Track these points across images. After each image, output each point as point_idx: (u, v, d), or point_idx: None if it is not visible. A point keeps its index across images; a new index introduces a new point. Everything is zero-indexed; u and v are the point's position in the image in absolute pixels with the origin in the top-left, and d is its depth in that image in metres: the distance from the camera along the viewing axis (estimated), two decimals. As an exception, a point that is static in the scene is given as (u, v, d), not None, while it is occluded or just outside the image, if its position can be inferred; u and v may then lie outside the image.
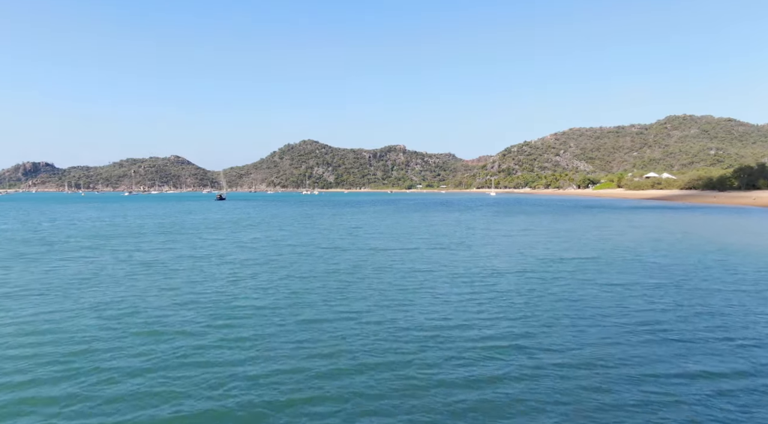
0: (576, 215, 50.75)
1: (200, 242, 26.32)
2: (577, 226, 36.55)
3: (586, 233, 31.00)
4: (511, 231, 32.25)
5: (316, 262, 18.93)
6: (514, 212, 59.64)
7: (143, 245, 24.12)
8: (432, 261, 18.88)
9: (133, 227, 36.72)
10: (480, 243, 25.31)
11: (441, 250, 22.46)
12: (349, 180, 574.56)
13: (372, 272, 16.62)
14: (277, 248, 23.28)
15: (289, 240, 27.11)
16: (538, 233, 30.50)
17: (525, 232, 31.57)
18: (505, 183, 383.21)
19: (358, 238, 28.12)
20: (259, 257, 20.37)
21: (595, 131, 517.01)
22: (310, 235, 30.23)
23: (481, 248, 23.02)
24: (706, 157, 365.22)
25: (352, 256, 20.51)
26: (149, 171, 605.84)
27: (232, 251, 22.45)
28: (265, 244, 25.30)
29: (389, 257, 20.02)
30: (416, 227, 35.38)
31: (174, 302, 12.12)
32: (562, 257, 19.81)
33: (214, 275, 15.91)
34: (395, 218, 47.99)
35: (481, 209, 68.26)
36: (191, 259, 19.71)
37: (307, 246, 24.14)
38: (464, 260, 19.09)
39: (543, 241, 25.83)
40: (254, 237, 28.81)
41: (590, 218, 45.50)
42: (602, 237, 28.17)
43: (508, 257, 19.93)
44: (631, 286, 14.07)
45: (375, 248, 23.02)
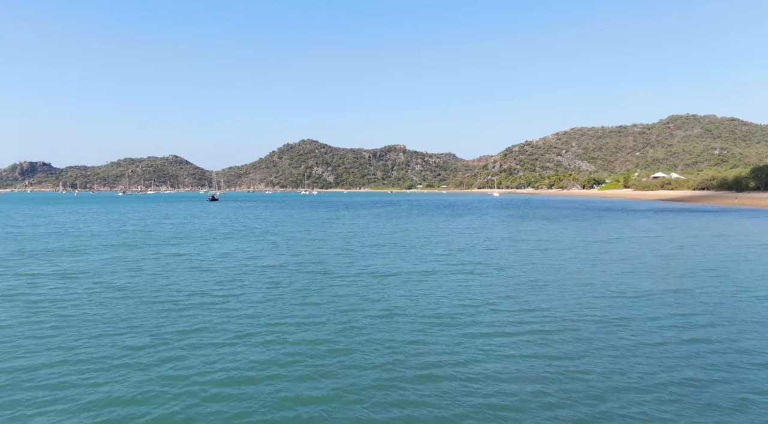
0: (602, 220, 44.59)
1: (147, 262, 20.19)
2: (618, 234, 30.41)
3: (640, 245, 24.88)
4: (543, 242, 26.11)
5: (291, 300, 12.85)
6: (529, 215, 53.47)
7: (69, 264, 18.07)
8: (459, 296, 12.84)
9: (85, 235, 30.60)
10: (513, 263, 19.18)
11: (466, 275, 16.37)
12: (348, 180, 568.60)
13: (374, 324, 10.55)
14: (244, 273, 17.16)
15: (267, 257, 21.00)
16: (579, 245, 24.37)
17: (559, 243, 25.42)
18: (507, 183, 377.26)
19: (353, 253, 21.99)
20: (212, 289, 14.28)
21: (597, 131, 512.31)
22: (295, 248, 24.13)
23: (521, 273, 16.90)
24: (710, 157, 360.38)
25: (344, 289, 14.41)
26: (147, 171, 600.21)
27: (181, 279, 16.31)
28: (231, 264, 19.17)
29: (396, 290, 13.96)
30: (424, 237, 29.25)
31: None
32: (651, 290, 13.71)
33: (116, 329, 9.84)
34: (397, 223, 41.85)
35: (490, 212, 62.16)
36: (105, 292, 13.62)
37: (287, 268, 18.04)
38: (506, 296, 13.02)
39: (597, 256, 19.77)
40: (224, 252, 22.69)
41: (622, 224, 39.38)
42: (669, 254, 22.05)
43: (569, 291, 13.84)
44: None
45: (376, 273, 16.90)
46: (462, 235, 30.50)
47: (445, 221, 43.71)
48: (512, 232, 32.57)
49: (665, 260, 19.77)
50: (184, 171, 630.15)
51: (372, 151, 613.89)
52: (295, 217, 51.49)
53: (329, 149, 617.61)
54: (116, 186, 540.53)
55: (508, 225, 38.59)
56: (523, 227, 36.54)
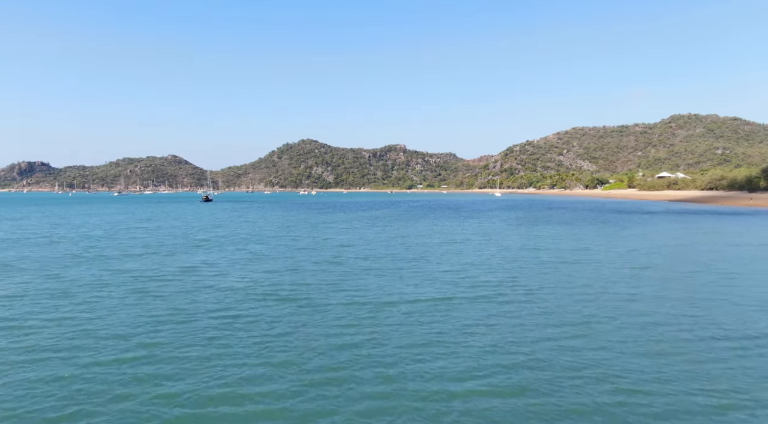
0: (622, 224, 40.54)
1: (81, 283, 16.16)
2: (651, 243, 26.38)
3: (689, 258, 20.87)
4: (570, 253, 22.02)
5: (240, 358, 8.85)
6: (540, 219, 49.38)
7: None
8: (485, 344, 8.84)
9: (41, 244, 26.62)
10: (544, 285, 15.12)
11: (488, 304, 12.37)
12: (348, 180, 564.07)
13: (363, 403, 6.55)
14: (193, 302, 13.13)
15: (234, 275, 16.97)
16: (614, 257, 20.32)
17: (589, 253, 21.36)
18: (508, 183, 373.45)
19: (343, 270, 17.96)
20: (135, 328, 10.28)
21: (599, 130, 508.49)
22: (274, 261, 20.10)
23: (560, 300, 12.89)
24: (713, 157, 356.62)
25: (322, 330, 10.40)
26: (146, 171, 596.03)
27: (105, 312, 12.29)
28: (183, 287, 15.13)
29: (395, 332, 9.96)
30: (428, 247, 25.18)
31: None
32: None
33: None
34: (397, 228, 37.80)
35: (496, 214, 58.11)
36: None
37: (255, 292, 14.02)
38: (553, 342, 9.03)
39: (645, 272, 15.77)
40: (186, 267, 18.67)
41: (647, 229, 35.35)
42: (734, 272, 18.03)
43: (633, 330, 9.85)
44: None
45: (368, 302, 12.87)
46: (471, 243, 26.46)
47: (449, 225, 39.67)
48: (528, 239, 28.52)
49: (736, 280, 15.74)
50: (183, 171, 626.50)
51: (372, 151, 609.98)
52: (286, 220, 47.45)
53: (329, 149, 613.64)
54: (114, 186, 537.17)
55: (521, 230, 34.53)
56: (539, 233, 32.49)
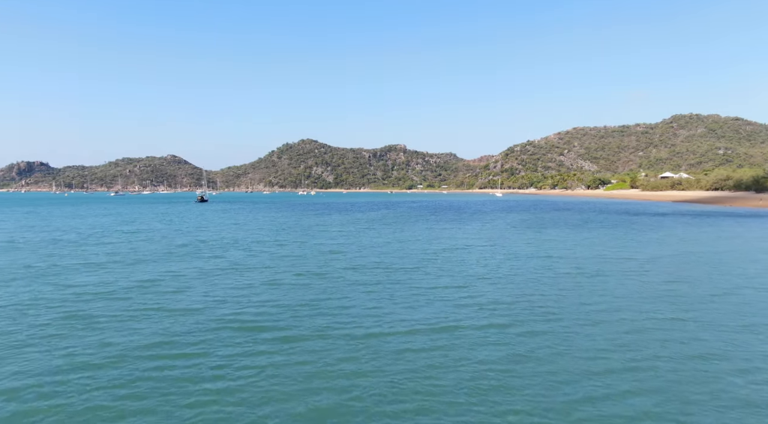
0: (635, 227, 37.94)
1: (10, 303, 13.64)
2: (674, 249, 23.82)
3: (727, 269, 18.31)
4: (587, 262, 19.47)
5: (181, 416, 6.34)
6: (546, 221, 46.75)
7: None
8: (503, 389, 6.33)
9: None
10: (566, 306, 12.57)
11: (501, 333, 9.87)
12: (348, 180, 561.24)
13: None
14: (131, 335, 10.62)
15: (199, 289, 14.45)
16: (635, 266, 17.79)
17: (609, 262, 18.78)
18: (509, 183, 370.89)
19: (329, 286, 15.39)
20: (40, 390, 7.78)
21: (600, 130, 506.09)
22: (252, 273, 17.56)
23: (588, 327, 10.37)
24: (715, 157, 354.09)
25: (290, 380, 7.89)
26: (145, 171, 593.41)
27: (10, 369, 9.76)
28: (134, 305, 12.60)
29: (386, 381, 7.46)
30: (427, 255, 22.58)
31: None
32: None
33: None
34: (394, 231, 35.23)
35: (499, 216, 55.50)
36: None
37: (218, 313, 11.51)
38: (586, 391, 6.52)
39: (680, 286, 13.23)
40: (149, 279, 16.12)
41: (663, 233, 32.79)
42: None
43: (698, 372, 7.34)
44: None
45: (356, 333, 10.35)
46: (474, 250, 23.88)
47: (450, 229, 37.09)
48: (538, 245, 25.94)
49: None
50: (182, 171, 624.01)
51: (372, 151, 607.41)
52: (277, 222, 44.88)
53: (329, 149, 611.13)
54: (113, 186, 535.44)
55: (528, 235, 31.94)
56: (548, 237, 29.92)
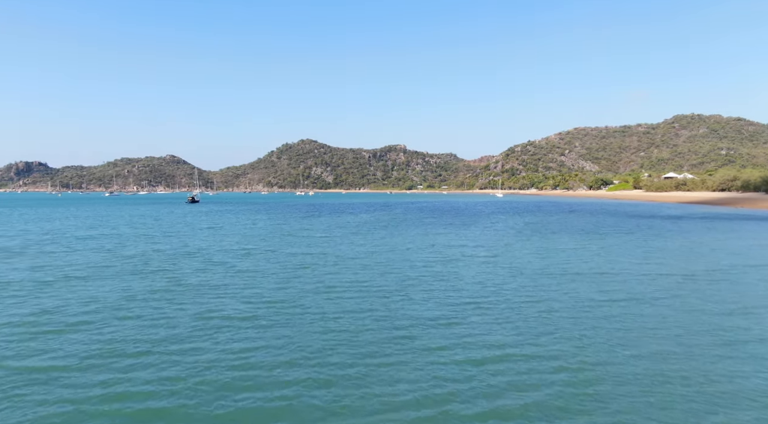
0: (652, 233, 34.28)
1: None
2: (712, 263, 20.23)
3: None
4: (611, 279, 15.90)
5: None
6: (552, 225, 43.03)
7: None
8: None
9: None
10: (599, 350, 8.96)
11: (513, 400, 6.36)
12: (348, 180, 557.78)
13: None
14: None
15: (72, 340, 10.90)
16: (674, 286, 14.21)
17: (641, 282, 15.16)
18: (509, 184, 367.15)
19: (286, 312, 11.81)
20: None
21: (601, 131, 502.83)
22: (177, 306, 14.00)
23: (634, 385, 6.82)
24: (717, 158, 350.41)
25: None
26: (143, 171, 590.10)
27: None
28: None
29: None
30: (415, 269, 18.96)
31: None
32: None
33: None
34: (384, 237, 31.60)
35: (500, 219, 51.85)
36: None
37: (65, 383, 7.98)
38: None
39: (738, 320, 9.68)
40: (43, 310, 12.58)
41: (686, 239, 29.17)
42: None
43: None
44: None
45: (299, 413, 6.80)
46: (472, 264, 20.22)
47: (446, 234, 33.40)
48: (548, 257, 22.27)
49: None
50: (181, 171, 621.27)
51: (372, 151, 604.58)
52: (258, 227, 41.20)
53: (328, 149, 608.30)
54: (112, 186, 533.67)
55: (535, 243, 28.26)
56: (558, 246, 26.26)
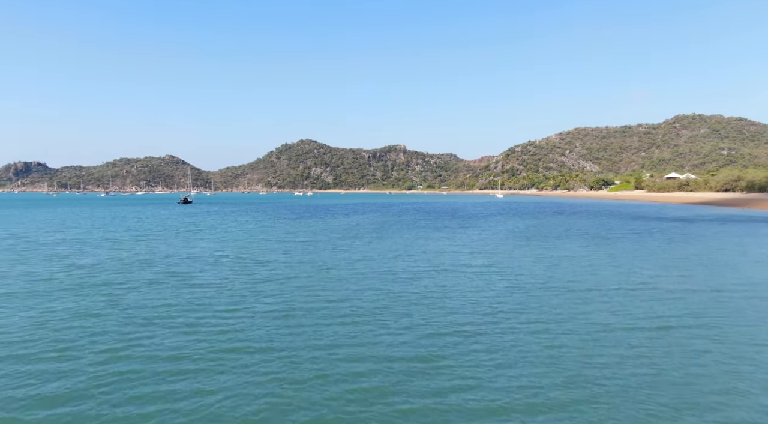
0: (665, 237, 31.93)
1: None
2: (741, 274, 17.86)
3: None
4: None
5: None
6: (556, 230, 40.54)
7: None
8: None
9: None
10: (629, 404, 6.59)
11: None
12: (347, 181, 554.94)
13: None
14: None
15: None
16: (729, 316, 11.88)
17: (670, 302, 12.80)
18: (509, 184, 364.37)
19: (227, 356, 9.46)
20: None
21: (601, 131, 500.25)
22: (84, 339, 11.59)
23: None
24: (719, 158, 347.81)
25: None
26: (142, 171, 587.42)
27: None
28: None
29: None
30: (398, 283, 16.58)
31: None
32: None
33: None
34: (371, 242, 29.19)
35: (499, 222, 49.39)
36: None
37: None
38: None
39: None
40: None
41: (706, 246, 26.81)
42: None
43: None
44: None
45: None
46: (465, 275, 17.81)
47: (440, 238, 30.97)
48: (551, 266, 19.86)
49: None
50: (180, 171, 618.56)
51: (372, 152, 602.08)
52: (240, 230, 38.59)
53: (328, 149, 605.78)
54: (110, 187, 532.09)
55: (536, 249, 25.80)
56: (562, 253, 23.84)
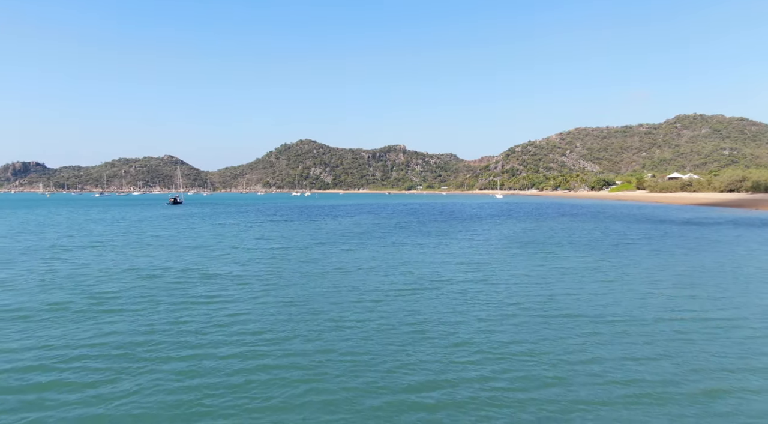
0: (684, 244, 29.03)
1: None
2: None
3: None
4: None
5: None
6: (558, 235, 37.46)
7: None
8: None
9: None
10: None
11: None
12: (347, 181, 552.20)
13: None
14: None
15: None
16: None
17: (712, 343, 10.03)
18: (509, 184, 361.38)
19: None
20: None
21: (602, 131, 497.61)
22: None
23: None
24: (720, 158, 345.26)
25: None
26: (141, 171, 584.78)
27: None
28: None
29: None
30: (363, 312, 13.74)
31: None
32: None
33: None
34: (349, 250, 26.30)
35: (497, 225, 46.47)
36: None
37: None
38: None
39: None
40: None
41: (738, 251, 23.91)
42: None
43: None
44: None
45: None
46: (449, 294, 14.87)
47: (427, 246, 27.89)
48: (549, 283, 16.96)
49: None
50: (179, 171, 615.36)
51: (371, 152, 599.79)
52: (210, 235, 35.65)
53: (327, 149, 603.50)
54: (109, 187, 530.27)
55: (532, 259, 22.70)
56: (563, 264, 20.90)
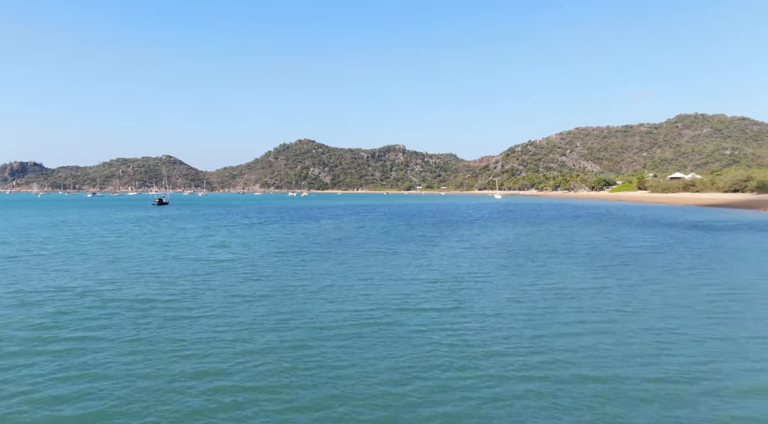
0: (694, 253, 26.00)
1: None
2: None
3: None
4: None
5: None
6: (558, 242, 34.36)
7: None
8: None
9: None
10: None
11: None
12: (346, 181, 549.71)
13: None
14: None
15: None
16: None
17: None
18: (509, 184, 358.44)
19: None
20: None
21: (603, 130, 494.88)
22: None
23: None
24: (722, 158, 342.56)
25: None
26: (138, 171, 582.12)
27: None
28: None
29: None
30: (295, 358, 10.71)
31: None
32: None
33: None
34: (322, 261, 23.16)
35: (491, 229, 43.45)
36: None
37: None
38: None
39: None
40: None
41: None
42: None
43: None
44: None
45: None
46: (419, 323, 11.89)
47: (406, 256, 24.60)
48: (543, 307, 14.00)
49: None
50: (177, 172, 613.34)
51: (370, 152, 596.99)
52: (162, 242, 32.41)
53: (326, 149, 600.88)
54: (107, 187, 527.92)
55: (525, 273, 19.59)
56: (559, 281, 17.83)
